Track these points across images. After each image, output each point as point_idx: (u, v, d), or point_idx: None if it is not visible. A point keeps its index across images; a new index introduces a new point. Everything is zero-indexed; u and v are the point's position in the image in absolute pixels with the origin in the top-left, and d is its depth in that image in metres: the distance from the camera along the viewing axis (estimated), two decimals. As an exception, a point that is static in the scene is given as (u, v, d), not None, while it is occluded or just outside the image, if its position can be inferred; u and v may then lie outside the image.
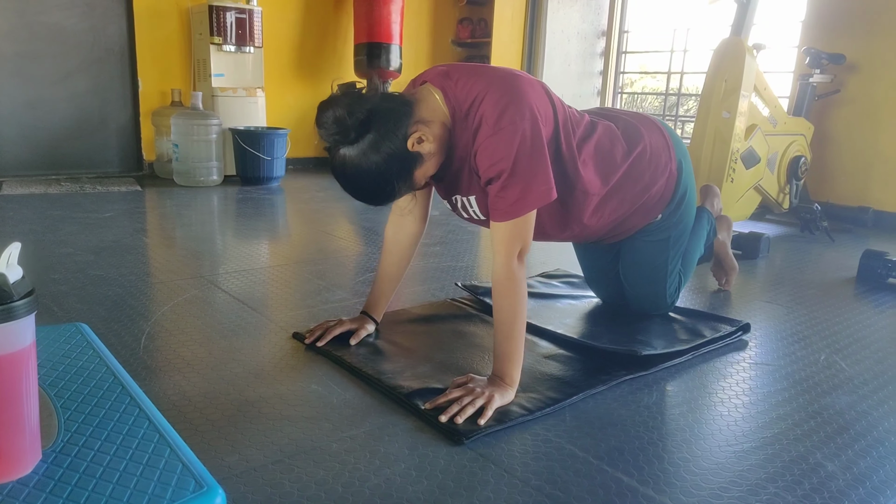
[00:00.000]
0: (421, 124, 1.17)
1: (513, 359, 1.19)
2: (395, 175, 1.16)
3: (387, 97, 1.17)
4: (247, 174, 3.79)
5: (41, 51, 3.67)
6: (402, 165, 1.16)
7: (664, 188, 1.49)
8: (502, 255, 1.19)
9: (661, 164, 1.47)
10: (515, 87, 1.19)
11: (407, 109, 1.16)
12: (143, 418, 0.76)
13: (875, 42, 3.27)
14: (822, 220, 2.99)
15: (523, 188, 1.16)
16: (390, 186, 1.18)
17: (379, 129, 1.13)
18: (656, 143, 1.47)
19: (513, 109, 1.15)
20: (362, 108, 1.12)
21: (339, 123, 1.11)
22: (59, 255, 2.09)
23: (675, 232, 1.56)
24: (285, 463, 0.97)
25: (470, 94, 1.19)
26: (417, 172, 1.19)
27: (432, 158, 1.20)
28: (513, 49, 5.15)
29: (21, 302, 0.62)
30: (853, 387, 1.34)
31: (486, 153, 1.16)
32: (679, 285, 1.65)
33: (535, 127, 1.17)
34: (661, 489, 0.95)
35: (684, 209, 1.55)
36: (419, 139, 1.16)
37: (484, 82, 1.19)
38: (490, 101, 1.16)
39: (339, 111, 1.11)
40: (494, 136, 1.15)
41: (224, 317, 1.59)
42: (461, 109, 1.19)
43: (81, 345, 0.96)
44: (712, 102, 2.75)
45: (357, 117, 1.11)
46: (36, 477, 0.65)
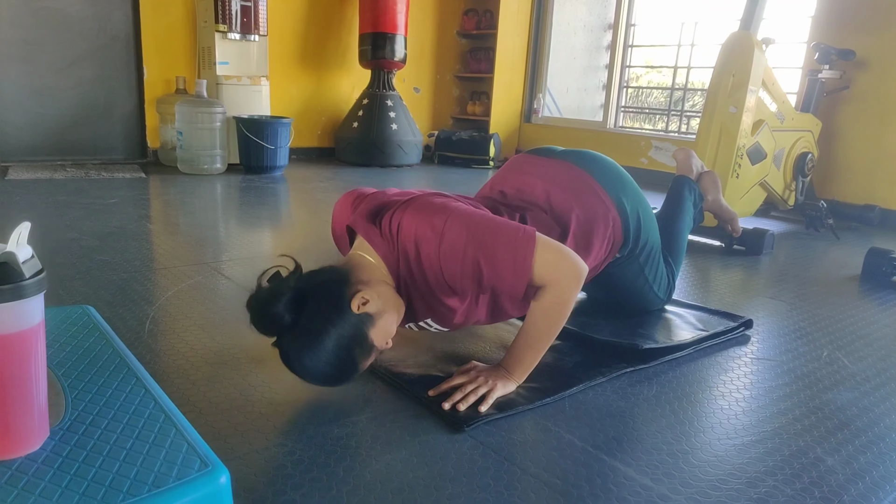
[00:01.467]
0: (360, 285, 1.10)
1: (526, 364, 1.19)
2: (350, 345, 1.06)
3: (316, 272, 1.10)
4: (250, 163, 3.79)
5: (46, 38, 3.67)
6: (352, 333, 1.06)
7: (613, 237, 1.41)
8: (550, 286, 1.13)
9: (599, 222, 1.37)
10: (425, 202, 1.17)
11: (341, 276, 1.10)
12: (149, 398, 0.77)
13: (885, 38, 3.25)
14: (827, 218, 2.99)
15: (505, 245, 1.10)
16: (350, 357, 1.07)
17: (316, 304, 1.04)
18: (587, 205, 1.37)
19: (435, 214, 1.12)
20: (287, 286, 1.03)
21: (265, 309, 1.02)
22: (64, 239, 2.10)
23: (644, 254, 1.49)
24: (288, 446, 0.98)
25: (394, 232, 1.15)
26: (373, 333, 1.09)
27: (383, 316, 1.11)
28: (518, 41, 5.14)
29: (31, 281, 0.63)
30: (855, 383, 1.35)
31: (449, 260, 1.10)
32: (671, 279, 1.64)
33: (462, 208, 1.14)
34: (658, 479, 0.95)
35: (643, 233, 1.46)
36: (363, 300, 1.07)
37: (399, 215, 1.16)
38: (411, 227, 1.13)
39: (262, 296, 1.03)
40: (443, 242, 1.10)
41: (227, 303, 1.60)
42: (392, 252, 1.15)
43: (88, 326, 0.96)
44: (719, 97, 2.75)
45: (286, 298, 1.02)
46: (44, 453, 0.65)
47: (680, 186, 1.82)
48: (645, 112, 5.05)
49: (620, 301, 1.67)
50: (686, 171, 1.90)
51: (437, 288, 1.15)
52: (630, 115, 4.99)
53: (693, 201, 1.81)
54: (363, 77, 4.69)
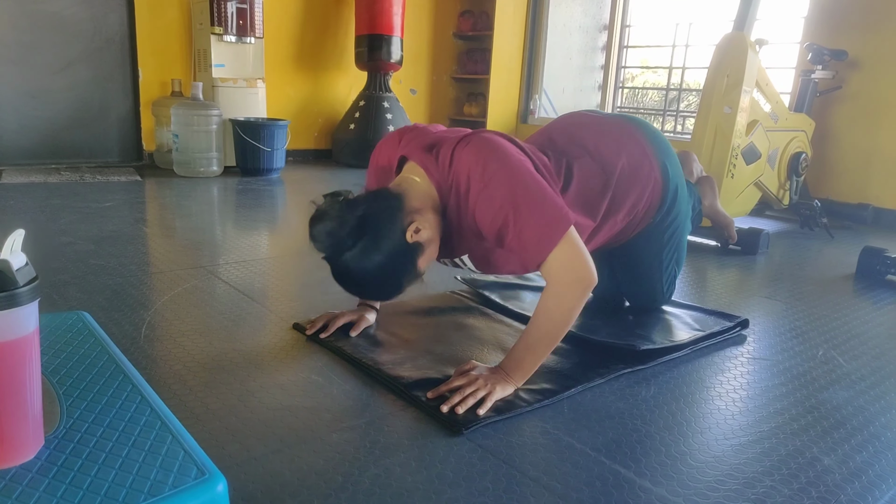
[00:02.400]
0: (414, 214, 1.15)
1: (526, 367, 1.19)
2: (400, 269, 1.15)
3: (375, 196, 1.16)
4: (247, 165, 3.79)
5: (41, 40, 3.66)
6: (405, 259, 1.14)
7: (651, 198, 1.45)
8: (556, 286, 1.15)
9: (642, 177, 1.42)
10: (489, 142, 1.19)
11: (398, 204, 1.15)
12: (145, 405, 0.76)
13: (877, 38, 3.27)
14: (821, 217, 2.99)
15: (538, 221, 1.13)
16: (397, 281, 1.17)
17: (375, 230, 1.11)
18: (633, 156, 1.41)
19: (493, 159, 1.15)
20: (353, 214, 1.10)
21: (332, 236, 1.10)
22: (59, 244, 2.09)
23: (671, 228, 1.54)
24: (285, 452, 0.97)
25: (450, 164, 1.18)
26: (420, 261, 1.17)
27: (431, 244, 1.19)
28: (514, 42, 5.14)
29: (25, 289, 0.63)
30: (851, 382, 1.35)
31: (484, 206, 1.14)
32: (674, 277, 1.65)
33: (520, 164, 1.16)
34: (657, 481, 0.95)
35: (678, 206, 1.52)
36: (416, 229, 1.14)
37: (460, 148, 1.18)
38: (468, 162, 1.16)
39: (329, 224, 1.10)
40: (486, 188, 1.13)
41: (224, 307, 1.60)
42: (445, 181, 1.19)
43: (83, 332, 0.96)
44: (714, 97, 2.75)
45: (350, 224, 1.09)
46: (39, 462, 0.65)
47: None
48: (641, 112, 5.05)
49: (627, 288, 1.66)
50: (686, 174, 1.90)
51: (471, 228, 1.20)
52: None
53: (692, 204, 1.82)
54: (360, 79, 4.69)
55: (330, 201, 1.14)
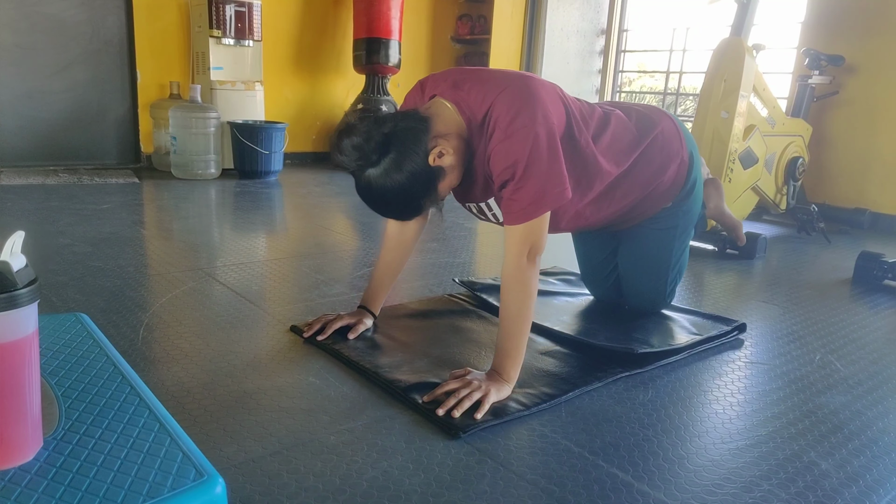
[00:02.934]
0: (440, 138, 1.18)
1: (513, 356, 1.20)
2: (421, 191, 1.18)
3: (403, 116, 1.18)
4: (244, 168, 3.78)
5: (40, 42, 3.66)
6: (425, 181, 1.17)
7: (676, 174, 1.51)
8: (513, 255, 1.19)
9: (672, 150, 1.49)
10: (527, 91, 1.19)
11: (424, 126, 1.17)
12: (143, 407, 0.76)
13: (874, 44, 3.28)
14: (818, 222, 3.00)
15: (537, 190, 1.17)
16: (416, 202, 1.20)
17: (399, 149, 1.14)
18: (668, 132, 1.49)
19: (525, 113, 1.16)
20: (380, 131, 1.13)
21: (359, 149, 1.13)
22: (56, 245, 2.09)
23: (683, 221, 1.57)
24: (283, 454, 0.97)
25: (484, 102, 1.20)
26: (441, 186, 1.21)
27: (454, 171, 1.22)
28: (512, 46, 5.15)
29: (24, 290, 0.63)
30: (848, 386, 1.35)
31: (498, 157, 1.17)
32: (676, 282, 1.65)
33: (549, 128, 1.18)
34: (655, 485, 0.96)
35: (694, 198, 1.57)
36: (440, 153, 1.17)
37: (496, 88, 1.20)
38: (502, 106, 1.17)
39: (356, 138, 1.13)
40: (507, 140, 1.16)
41: (222, 309, 1.59)
42: (476, 118, 1.21)
43: (82, 334, 0.96)
44: (711, 102, 2.76)
45: (376, 140, 1.12)
46: (37, 464, 0.65)
47: None
48: (638, 116, 5.06)
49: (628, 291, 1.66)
50: None
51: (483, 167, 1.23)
52: (623, 119, 5.01)
53: None
54: (358, 82, 4.69)
55: (359, 116, 1.16)
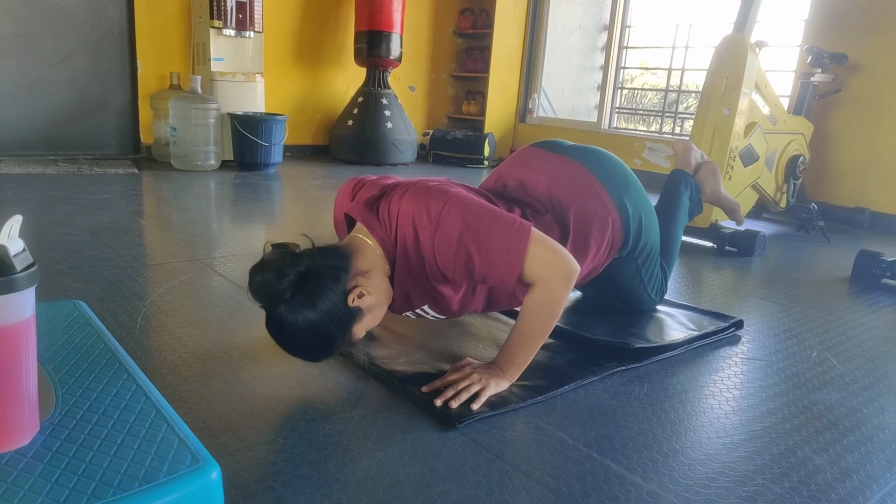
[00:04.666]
0: (360, 277, 1.12)
1: (518, 363, 1.19)
2: (335, 331, 1.10)
3: (322, 253, 1.11)
4: (244, 159, 3.78)
5: (40, 31, 3.65)
6: (341, 322, 1.10)
7: (613, 239, 1.42)
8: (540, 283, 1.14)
9: (598, 222, 1.38)
10: (423, 188, 1.18)
11: (344, 264, 1.12)
12: (140, 394, 0.77)
13: (878, 42, 3.28)
14: (818, 220, 3.00)
15: (500, 239, 1.11)
16: (329, 342, 1.11)
17: (315, 288, 1.06)
18: (585, 205, 1.38)
19: (432, 200, 1.14)
20: (295, 269, 1.06)
21: (270, 287, 1.05)
22: (55, 234, 2.09)
23: (642, 256, 1.51)
24: (279, 443, 0.98)
25: (392, 218, 1.16)
26: (356, 327, 1.13)
27: (373, 311, 1.15)
28: (514, 41, 5.14)
29: (22, 274, 0.63)
30: (844, 383, 1.36)
31: (442, 250, 1.12)
32: (664, 279, 1.64)
33: (460, 195, 1.15)
34: (648, 477, 0.96)
35: (644, 236, 1.48)
36: (360, 294, 1.10)
37: (396, 201, 1.17)
38: (408, 212, 1.14)
39: (268, 276, 1.05)
40: (438, 230, 1.11)
41: (220, 299, 1.60)
42: (389, 237, 1.17)
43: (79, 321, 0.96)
44: (713, 99, 2.76)
45: (290, 279, 1.05)
46: (34, 448, 0.65)
47: (676, 182, 1.80)
48: (639, 113, 5.06)
49: (613, 300, 1.68)
50: (684, 164, 1.88)
51: (432, 275, 1.16)
52: (624, 116, 5.00)
53: (689, 195, 1.79)
54: (359, 75, 4.69)
55: (274, 252, 1.09)
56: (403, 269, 1.17)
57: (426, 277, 1.17)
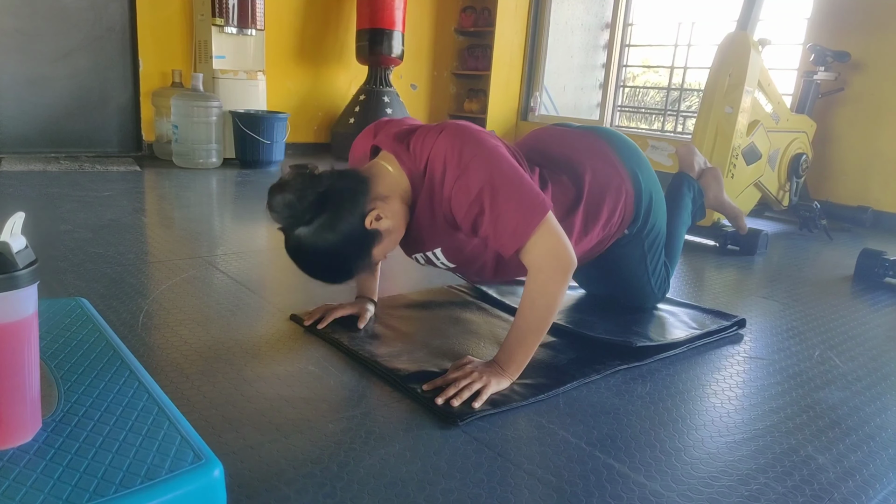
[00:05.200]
0: (378, 201, 1.13)
1: (519, 360, 1.19)
2: (353, 254, 1.13)
3: (342, 175, 1.13)
4: (246, 157, 3.78)
5: (42, 28, 3.64)
6: (360, 244, 1.12)
7: (624, 210, 1.42)
8: (537, 272, 1.13)
9: (612, 189, 1.39)
10: (463, 129, 1.18)
11: (363, 187, 1.13)
12: (142, 391, 0.77)
13: (881, 41, 3.27)
14: (821, 219, 3.00)
15: (516, 206, 1.10)
16: (348, 265, 1.14)
17: (334, 209, 1.09)
18: (602, 170, 1.39)
19: (469, 145, 1.14)
20: (314, 190, 1.08)
21: (290, 207, 1.07)
22: (57, 232, 2.09)
23: (650, 238, 1.51)
24: (281, 441, 0.98)
25: (423, 152, 1.17)
26: (376, 250, 1.15)
27: (391, 235, 1.17)
28: (515, 39, 5.13)
29: (24, 271, 0.63)
30: (847, 382, 1.36)
31: (460, 195, 1.12)
32: (667, 275, 1.64)
33: (497, 151, 1.15)
34: (652, 476, 0.96)
35: (654, 215, 1.49)
36: (377, 216, 1.12)
37: (432, 136, 1.17)
38: (443, 149, 1.14)
39: (288, 196, 1.07)
40: (462, 176, 1.11)
41: (222, 297, 1.59)
42: (418, 169, 1.17)
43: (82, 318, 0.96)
44: (715, 97, 2.75)
45: (309, 199, 1.07)
46: (36, 444, 0.65)
47: (679, 184, 1.81)
48: (641, 112, 5.05)
49: (616, 294, 1.67)
50: (687, 168, 1.88)
51: (447, 218, 1.18)
52: (626, 114, 4.99)
53: (692, 198, 1.80)
54: (360, 73, 4.68)
55: (294, 173, 1.11)
56: (426, 203, 1.18)
57: (442, 217, 1.19)
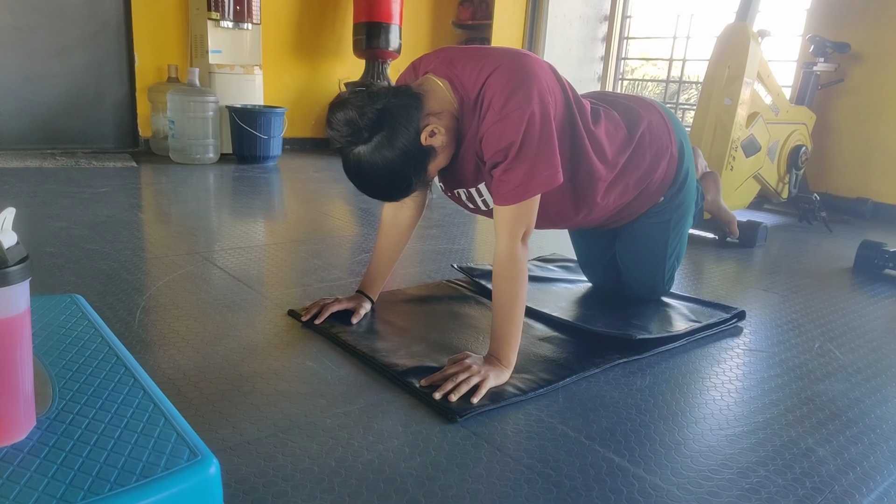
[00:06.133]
0: (432, 116, 1.16)
1: (510, 341, 1.19)
2: (411, 169, 1.16)
3: (397, 92, 1.15)
4: (243, 153, 3.77)
5: (37, 24, 3.62)
6: (416, 160, 1.15)
7: (666, 171, 1.49)
8: (505, 238, 1.18)
9: (662, 146, 1.46)
10: (523, 69, 1.17)
11: (417, 103, 1.15)
12: (137, 388, 0.76)
13: (881, 31, 3.25)
14: (820, 211, 2.99)
15: (528, 172, 1.15)
16: (406, 181, 1.17)
17: (391, 126, 1.11)
18: (656, 126, 1.46)
19: (520, 93, 1.14)
20: (373, 107, 1.10)
21: (351, 124, 1.10)
22: (53, 228, 2.08)
23: (677, 214, 1.56)
24: (279, 437, 0.97)
25: (478, 80, 1.17)
26: (431, 165, 1.19)
27: (444, 151, 1.20)
28: (514, 32, 5.11)
29: (16, 268, 0.62)
30: (846, 374, 1.35)
31: (491, 138, 1.15)
32: (674, 270, 1.65)
33: (544, 110, 1.16)
34: (651, 470, 0.95)
35: (686, 191, 1.55)
36: (431, 132, 1.15)
37: (490, 65, 1.17)
38: (497, 85, 1.15)
39: (349, 112, 1.10)
40: (501, 122, 1.14)
41: (219, 293, 1.59)
42: (469, 97, 1.18)
43: (77, 315, 0.95)
44: (714, 89, 2.74)
45: (368, 117, 1.10)
46: (30, 443, 0.64)
47: None
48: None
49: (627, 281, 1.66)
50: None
51: (475, 146, 1.21)
52: (625, 107, 4.98)
53: (696, 199, 1.81)
54: (358, 67, 4.66)
55: (352, 91, 1.14)
56: (474, 126, 1.19)
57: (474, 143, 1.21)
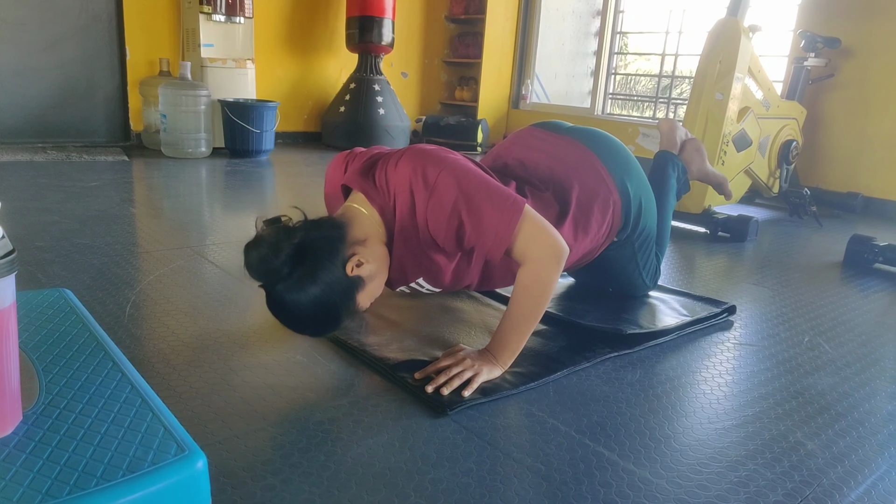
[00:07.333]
0: (357, 245, 1.12)
1: (512, 348, 1.19)
2: (338, 303, 1.09)
3: (316, 225, 1.10)
4: (235, 147, 3.75)
5: (27, 17, 3.59)
6: (343, 293, 1.09)
7: (613, 221, 1.41)
8: (529, 262, 1.13)
9: (600, 201, 1.37)
10: (421, 151, 1.17)
11: (339, 233, 1.10)
12: (125, 383, 0.75)
13: (871, 27, 3.26)
14: (810, 205, 3.01)
15: (492, 209, 1.10)
16: (334, 314, 1.10)
17: (312, 260, 1.05)
18: (589, 184, 1.37)
19: (430, 165, 1.13)
20: (289, 241, 1.04)
21: (266, 262, 1.03)
22: (43, 222, 2.06)
23: (640, 240, 1.50)
24: (268, 431, 0.97)
25: (389, 184, 1.16)
26: (360, 297, 1.12)
27: (374, 279, 1.15)
28: (507, 26, 5.10)
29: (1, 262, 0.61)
30: (836, 368, 1.36)
31: (436, 215, 1.11)
32: (657, 266, 1.64)
33: (459, 162, 1.15)
34: (641, 463, 0.96)
35: (643, 219, 1.47)
36: (358, 262, 1.10)
37: (392, 165, 1.16)
38: (406, 176, 1.13)
39: (263, 251, 1.04)
40: (433, 196, 1.11)
41: (210, 287, 1.58)
42: (387, 204, 1.16)
43: (65, 310, 0.95)
44: (706, 84, 2.74)
45: (286, 252, 1.03)
46: (16, 437, 0.64)
47: (663, 165, 1.77)
48: (633, 99, 5.04)
49: (607, 285, 1.67)
50: (669, 144, 1.86)
51: (425, 242, 1.16)
52: (618, 102, 4.98)
53: (677, 177, 1.79)
54: (350, 61, 4.64)
55: (267, 227, 1.08)
56: (401, 237, 1.17)
57: (420, 245, 1.17)
